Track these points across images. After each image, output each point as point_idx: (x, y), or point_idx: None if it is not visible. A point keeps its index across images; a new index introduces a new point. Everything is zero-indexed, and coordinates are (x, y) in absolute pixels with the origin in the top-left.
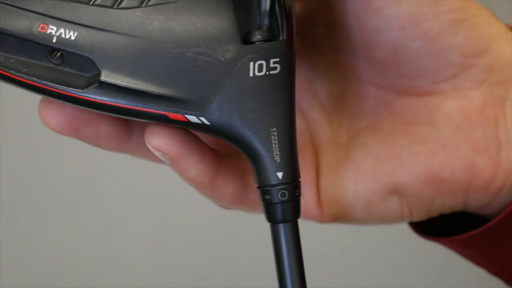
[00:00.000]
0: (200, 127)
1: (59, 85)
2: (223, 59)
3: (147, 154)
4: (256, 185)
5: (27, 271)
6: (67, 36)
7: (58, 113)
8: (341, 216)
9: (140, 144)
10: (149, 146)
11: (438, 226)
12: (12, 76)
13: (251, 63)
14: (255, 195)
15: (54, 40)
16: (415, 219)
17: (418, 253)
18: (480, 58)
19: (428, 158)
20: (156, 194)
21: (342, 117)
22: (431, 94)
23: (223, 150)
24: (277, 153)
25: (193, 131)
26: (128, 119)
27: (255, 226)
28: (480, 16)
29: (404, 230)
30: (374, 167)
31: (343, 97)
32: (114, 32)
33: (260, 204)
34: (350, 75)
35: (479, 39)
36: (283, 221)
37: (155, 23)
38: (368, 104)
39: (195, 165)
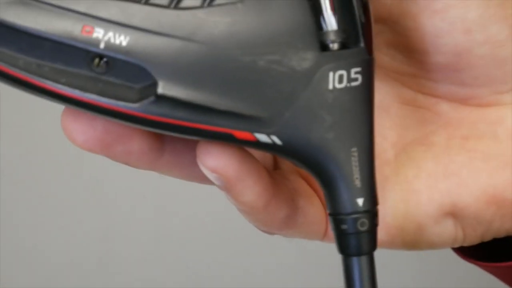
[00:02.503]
0: (270, 147)
1: (107, 99)
2: (299, 68)
3: (179, 172)
4: (328, 212)
5: (27, 271)
6: (118, 41)
7: (88, 127)
8: (388, 241)
9: (172, 162)
10: (202, 167)
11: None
12: (48, 87)
13: (331, 74)
14: (303, 218)
15: (102, 46)
16: (467, 244)
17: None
18: None
19: (490, 177)
20: (157, 194)
21: (385, 129)
22: (493, 105)
23: (267, 166)
24: (357, 176)
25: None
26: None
27: None
28: None
29: None
30: (429, 186)
31: (386, 106)
32: (173, 36)
33: (306, 229)
34: (394, 82)
35: None
36: (359, 254)
37: (221, 27)
38: (417, 115)
39: (252, 188)
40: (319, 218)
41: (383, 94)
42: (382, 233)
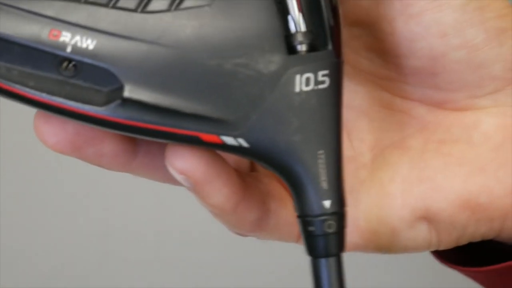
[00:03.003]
0: (237, 149)
1: (74, 102)
2: (266, 71)
3: (152, 174)
4: (296, 214)
5: (26, 271)
6: (84, 45)
7: (59, 129)
8: (362, 244)
9: (146, 164)
10: (170, 169)
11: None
12: (16, 91)
13: (298, 76)
14: (275, 221)
15: (69, 50)
16: (442, 247)
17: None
18: None
19: (464, 182)
20: (157, 194)
21: (363, 132)
22: (468, 109)
23: (239, 168)
24: (325, 178)
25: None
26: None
27: None
28: None
29: None
30: (403, 190)
31: (365, 109)
32: (140, 40)
33: (278, 231)
34: (373, 85)
35: None
36: (327, 256)
37: (188, 30)
38: (395, 118)
39: (220, 190)
40: (292, 221)
41: (362, 97)
42: (356, 236)
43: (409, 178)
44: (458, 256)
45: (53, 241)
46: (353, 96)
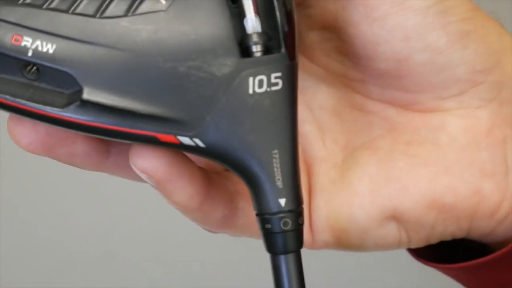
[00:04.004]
0: (194, 149)
1: (35, 104)
2: (219, 74)
3: (126, 173)
4: (255, 212)
5: (27, 269)
6: (45, 49)
7: (31, 130)
8: (334, 242)
9: (119, 163)
10: (134, 168)
11: (432, 250)
12: None
13: (251, 79)
14: (244, 219)
15: (30, 54)
16: (413, 246)
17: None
18: (489, 74)
19: (430, 182)
20: (155, 193)
21: (336, 133)
22: (434, 111)
23: (211, 168)
24: (279, 177)
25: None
26: None
27: None
28: (489, 28)
29: None
30: (371, 190)
31: (338, 110)
32: (97, 45)
33: (249, 229)
34: (345, 87)
35: (489, 54)
36: (286, 252)
37: (143, 34)
38: (365, 120)
39: (183, 189)
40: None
41: (335, 99)
42: (327, 234)
43: (377, 178)
44: (436, 253)
45: (53, 241)
46: (326, 98)
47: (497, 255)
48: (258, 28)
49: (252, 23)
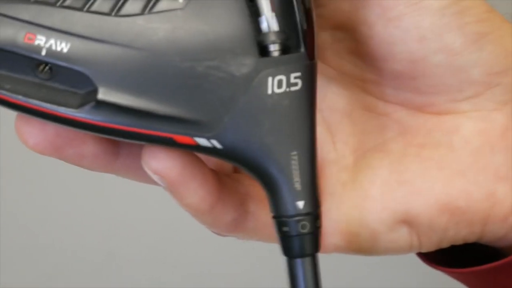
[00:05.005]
0: (211, 151)
1: (49, 104)
2: (238, 74)
3: (135, 175)
4: (271, 215)
5: (28, 269)
6: (59, 48)
7: (39, 130)
8: (344, 246)
9: (128, 164)
10: (146, 169)
11: (440, 253)
12: None
13: (270, 79)
14: (254, 223)
15: (44, 53)
16: (424, 250)
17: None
18: (505, 76)
19: (443, 186)
20: (158, 193)
21: (347, 135)
22: (449, 113)
23: (221, 170)
24: (298, 180)
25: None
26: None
27: None
28: (504, 29)
29: None
30: (383, 193)
31: (349, 112)
32: (113, 43)
33: (258, 233)
34: (357, 88)
35: (505, 56)
36: (302, 256)
37: (160, 33)
38: (377, 121)
39: (195, 191)
40: (272, 222)
41: (346, 100)
42: (337, 238)
43: (389, 181)
44: (444, 257)
45: (54, 241)
46: (337, 99)
47: (510, 260)
48: (275, 27)
49: (268, 21)
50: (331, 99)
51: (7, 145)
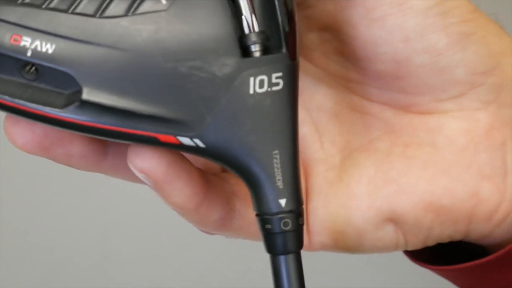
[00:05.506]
0: (194, 150)
1: (34, 104)
2: (220, 74)
3: (124, 174)
4: (255, 212)
5: (26, 270)
6: (44, 49)
7: (27, 130)
8: (331, 244)
9: (116, 164)
10: (132, 168)
11: (428, 251)
12: None
13: (251, 79)
14: (240, 221)
15: (29, 54)
16: (410, 248)
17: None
18: (489, 76)
19: (428, 184)
20: (154, 193)
21: (334, 134)
22: (433, 112)
23: (208, 169)
24: (280, 178)
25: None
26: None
27: None
28: (489, 29)
29: None
30: (369, 192)
31: (336, 112)
32: (97, 45)
33: (244, 230)
34: (344, 88)
35: (489, 55)
36: (286, 253)
37: (144, 34)
38: (364, 121)
39: (181, 190)
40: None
41: (333, 100)
42: (324, 236)
43: (374, 180)
44: (431, 254)
45: (54, 241)
46: (325, 99)
47: (494, 257)
48: (257, 28)
49: (249, 22)
50: (319, 100)
51: (5, 147)
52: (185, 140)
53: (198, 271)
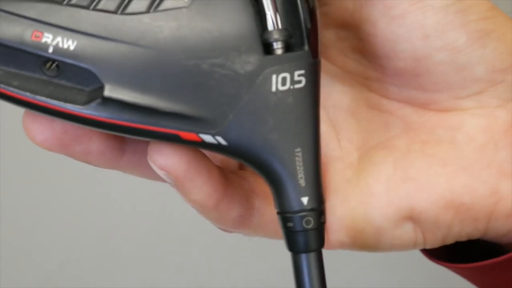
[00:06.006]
0: (216, 147)
1: (56, 101)
2: (242, 71)
3: (141, 172)
4: (276, 210)
5: (26, 270)
6: (65, 46)
7: (47, 127)
8: (349, 242)
9: (134, 161)
10: (152, 165)
11: (443, 249)
12: (1, 91)
13: (274, 76)
14: (259, 219)
15: (51, 50)
16: (428, 246)
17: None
18: (508, 73)
19: (447, 182)
20: (157, 193)
21: (351, 132)
22: (452, 110)
23: (226, 167)
24: (302, 176)
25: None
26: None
27: None
28: (508, 27)
29: None
30: (387, 190)
31: (353, 110)
32: (119, 41)
33: (263, 229)
34: (361, 86)
35: (508, 53)
36: (307, 251)
37: (166, 31)
38: (381, 119)
39: (201, 187)
40: (277, 218)
41: (350, 98)
42: (342, 234)
43: (393, 178)
44: (447, 253)
45: (54, 240)
46: (342, 97)
47: None
48: (278, 25)
49: (272, 19)
50: (335, 97)
51: (7, 146)
52: (207, 138)
53: (198, 272)
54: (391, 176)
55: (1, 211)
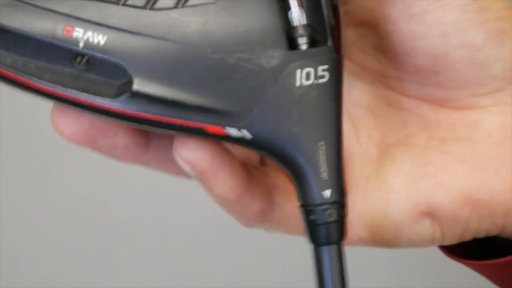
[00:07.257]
0: (241, 141)
1: (86, 94)
2: (267, 66)
3: (164, 167)
4: (299, 203)
5: (27, 269)
6: (96, 41)
7: (75, 121)
8: (368, 238)
9: (158, 156)
10: (177, 159)
11: (460, 246)
12: (32, 84)
13: (298, 71)
14: (280, 214)
15: (81, 45)
16: (447, 243)
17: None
18: None
19: (465, 178)
20: (158, 193)
21: (370, 129)
22: (470, 108)
23: (248, 162)
24: (325, 169)
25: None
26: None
27: None
28: None
29: None
30: (406, 186)
31: (372, 107)
32: (148, 36)
33: (284, 224)
34: (380, 84)
35: None
36: (329, 243)
37: (193, 26)
38: (400, 116)
39: (224, 181)
40: (298, 214)
41: (369, 95)
42: (361, 230)
43: (412, 174)
44: (464, 250)
45: (54, 240)
46: (361, 94)
47: None
48: (303, 21)
49: (296, 15)
50: (355, 95)
51: (7, 146)
52: (232, 131)
53: (198, 272)
54: (410, 173)
55: (1, 211)
